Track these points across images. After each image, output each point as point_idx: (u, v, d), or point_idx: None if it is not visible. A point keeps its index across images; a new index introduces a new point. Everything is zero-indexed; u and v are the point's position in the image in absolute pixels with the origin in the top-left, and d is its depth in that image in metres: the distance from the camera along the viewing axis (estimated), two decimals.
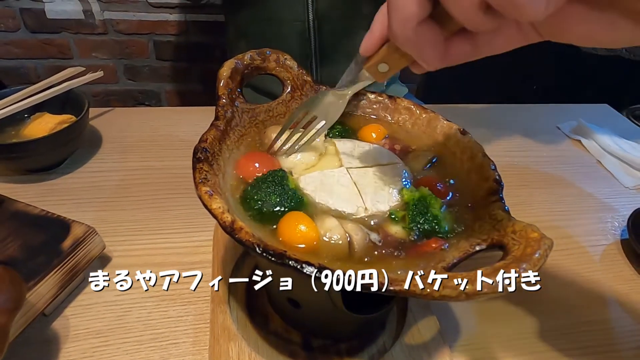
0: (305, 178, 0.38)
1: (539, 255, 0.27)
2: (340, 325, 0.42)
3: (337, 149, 0.42)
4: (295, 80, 0.46)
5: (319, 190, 0.37)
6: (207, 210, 0.31)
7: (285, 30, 0.90)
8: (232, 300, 0.46)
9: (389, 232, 0.35)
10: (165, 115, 0.80)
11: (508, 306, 0.51)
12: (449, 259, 0.31)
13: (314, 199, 0.37)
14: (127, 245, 0.54)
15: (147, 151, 0.70)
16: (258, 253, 0.28)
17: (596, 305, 0.52)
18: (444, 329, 0.45)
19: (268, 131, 0.43)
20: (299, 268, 0.27)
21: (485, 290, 0.26)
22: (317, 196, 0.37)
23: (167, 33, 1.54)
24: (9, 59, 1.52)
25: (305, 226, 0.33)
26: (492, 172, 0.38)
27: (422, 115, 0.46)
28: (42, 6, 1.43)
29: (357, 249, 0.33)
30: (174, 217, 0.58)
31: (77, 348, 0.43)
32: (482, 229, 0.33)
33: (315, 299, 0.37)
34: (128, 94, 1.67)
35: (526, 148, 0.80)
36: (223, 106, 0.41)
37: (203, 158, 0.35)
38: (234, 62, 0.43)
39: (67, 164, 0.66)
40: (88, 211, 0.58)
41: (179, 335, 0.45)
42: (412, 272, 0.31)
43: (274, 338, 0.44)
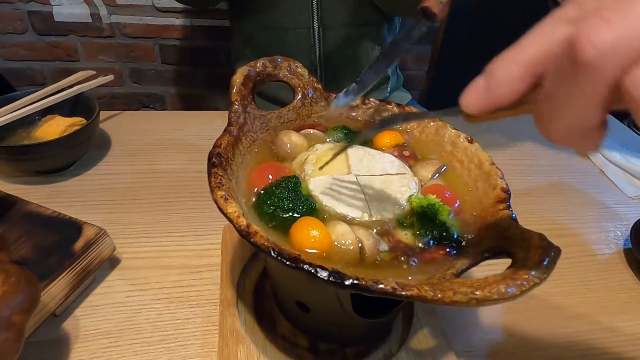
0: (315, 180, 0.39)
1: (548, 262, 0.28)
2: (347, 330, 0.42)
3: (347, 154, 0.43)
4: (305, 87, 0.47)
5: (326, 194, 0.38)
6: (223, 214, 0.31)
7: (290, 37, 0.92)
8: (241, 303, 0.47)
9: (398, 239, 0.35)
10: (173, 119, 0.81)
11: (513, 313, 0.51)
12: (457, 265, 0.32)
13: (320, 201, 0.37)
14: (136, 247, 0.55)
15: (156, 154, 0.71)
16: (273, 257, 0.28)
17: (599, 314, 0.53)
18: (450, 335, 0.46)
19: (281, 135, 0.43)
20: (313, 272, 0.28)
21: (495, 297, 0.26)
22: (324, 199, 0.37)
23: (172, 37, 1.55)
24: (16, 61, 1.53)
25: (318, 231, 0.34)
26: (500, 180, 0.38)
27: (430, 124, 0.47)
28: (50, 9, 1.45)
29: (369, 255, 0.33)
30: (183, 219, 0.59)
31: (87, 348, 0.44)
32: (490, 237, 0.34)
33: (325, 302, 0.38)
34: (133, 97, 1.68)
35: (530, 156, 0.80)
36: (236, 112, 0.41)
37: (218, 163, 0.35)
38: (247, 69, 0.44)
39: (76, 166, 0.67)
40: (97, 213, 0.59)
41: (188, 337, 0.46)
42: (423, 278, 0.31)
43: (282, 341, 0.44)
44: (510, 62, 0.22)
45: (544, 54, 0.21)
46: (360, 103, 0.49)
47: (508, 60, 0.23)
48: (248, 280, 0.50)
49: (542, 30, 0.22)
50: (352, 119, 0.49)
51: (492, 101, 0.24)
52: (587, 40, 0.18)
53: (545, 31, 0.22)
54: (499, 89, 0.23)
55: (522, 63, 0.22)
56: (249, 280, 0.50)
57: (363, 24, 0.94)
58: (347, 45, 0.95)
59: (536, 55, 0.22)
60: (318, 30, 0.91)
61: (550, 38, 0.21)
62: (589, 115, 0.20)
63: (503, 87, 0.23)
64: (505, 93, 0.23)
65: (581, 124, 0.21)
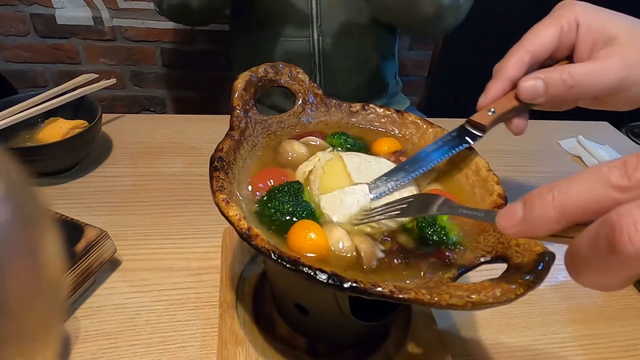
0: (327, 198, 0.39)
1: (542, 267, 0.28)
2: (346, 332, 0.43)
3: (344, 163, 0.42)
4: (306, 93, 0.48)
5: (336, 212, 0.37)
6: (224, 217, 0.32)
7: (289, 46, 0.93)
8: (240, 305, 0.47)
9: (398, 242, 0.36)
10: (174, 123, 0.82)
11: (510, 317, 0.52)
12: (454, 269, 0.33)
13: (331, 219, 0.37)
14: (136, 249, 0.55)
15: (157, 157, 0.72)
16: (273, 260, 0.29)
17: (595, 320, 0.53)
18: (447, 338, 0.47)
19: (284, 144, 0.44)
20: (312, 275, 0.28)
21: (490, 300, 0.27)
22: (334, 217, 0.37)
23: (174, 41, 1.57)
24: (17, 63, 1.54)
25: (316, 234, 0.34)
26: (497, 186, 0.39)
27: (429, 130, 0.47)
28: (53, 12, 1.46)
29: (366, 258, 0.34)
30: (183, 222, 0.60)
31: (87, 349, 0.44)
32: (486, 242, 0.35)
33: (323, 305, 0.39)
34: (134, 99, 1.69)
35: (527, 163, 0.81)
36: (237, 117, 0.42)
37: (219, 167, 0.36)
38: (249, 75, 0.44)
39: (78, 168, 0.67)
40: (98, 215, 0.59)
41: (187, 339, 0.46)
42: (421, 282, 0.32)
43: (280, 343, 0.45)
44: (549, 205, 0.23)
45: (584, 209, 0.22)
46: (360, 109, 0.50)
47: (548, 202, 0.23)
48: (247, 282, 0.50)
49: (586, 184, 0.22)
50: (352, 125, 0.50)
51: (530, 233, 0.24)
52: (628, 238, 0.19)
53: (589, 187, 0.22)
54: (535, 225, 0.24)
55: (559, 209, 0.23)
56: (248, 283, 0.50)
57: (363, 32, 0.95)
58: (345, 53, 0.96)
59: (576, 206, 0.22)
60: (317, 39, 0.92)
61: (594, 196, 0.21)
62: (619, 283, 0.22)
63: (539, 225, 0.24)
64: (541, 231, 0.24)
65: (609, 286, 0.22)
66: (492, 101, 0.43)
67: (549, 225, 0.23)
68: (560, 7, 0.44)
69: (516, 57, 0.42)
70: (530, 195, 0.24)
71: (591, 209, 0.21)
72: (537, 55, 0.43)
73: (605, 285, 0.22)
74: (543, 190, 0.23)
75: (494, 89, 0.43)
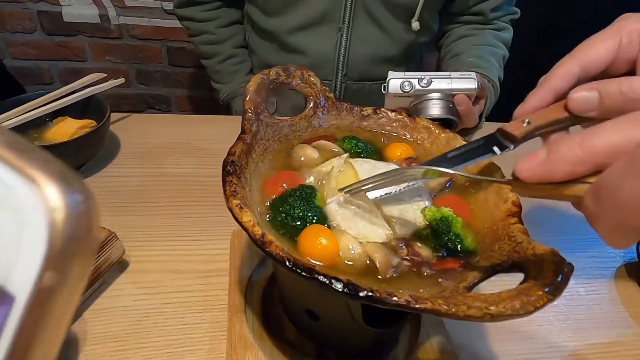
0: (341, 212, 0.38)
1: (562, 279, 0.28)
2: (355, 338, 0.42)
3: (355, 171, 0.41)
4: (317, 96, 0.48)
5: (350, 224, 0.37)
6: (238, 223, 0.32)
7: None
8: (248, 309, 0.47)
9: (412, 251, 0.35)
10: (182, 123, 0.81)
11: (519, 325, 0.51)
12: (470, 278, 0.32)
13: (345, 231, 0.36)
14: (144, 250, 0.55)
15: (165, 158, 0.71)
16: (288, 267, 0.29)
17: (604, 327, 0.53)
18: (456, 346, 0.46)
19: (297, 149, 0.44)
20: (327, 283, 0.28)
21: (509, 313, 0.26)
22: (350, 230, 0.36)
23: (180, 39, 1.56)
24: (24, 60, 1.54)
25: (326, 239, 0.34)
26: (511, 194, 0.38)
27: (441, 135, 0.47)
28: (60, 9, 1.46)
29: (382, 268, 0.33)
30: (191, 224, 0.59)
31: (95, 352, 0.44)
32: (501, 250, 0.34)
33: (335, 312, 0.38)
34: (139, 98, 1.69)
35: None
36: (249, 120, 0.42)
37: (232, 171, 0.36)
38: (260, 78, 0.44)
39: (86, 168, 0.67)
40: (106, 216, 0.59)
41: (195, 342, 0.46)
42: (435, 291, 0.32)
43: (289, 348, 0.44)
44: (577, 144, 0.23)
45: (613, 148, 0.22)
46: (372, 113, 0.49)
47: (576, 142, 0.23)
48: (256, 286, 0.50)
49: (615, 126, 0.22)
50: (363, 128, 0.49)
51: (548, 175, 0.24)
52: None
53: (619, 128, 0.22)
54: (559, 165, 0.23)
55: (588, 149, 0.22)
56: (256, 286, 0.50)
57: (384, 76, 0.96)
58: (366, 94, 1.00)
59: (606, 146, 0.22)
60: (340, 85, 0.96)
61: (624, 137, 0.21)
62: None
63: (563, 165, 0.23)
64: (564, 172, 0.23)
65: (628, 230, 0.22)
66: (531, 111, 0.40)
67: (573, 166, 0.23)
68: (622, 19, 0.40)
69: (564, 68, 0.38)
70: (555, 140, 0.24)
71: (622, 147, 0.21)
72: (588, 68, 0.39)
73: (622, 227, 0.22)
74: (570, 135, 0.23)
75: (535, 99, 0.38)
